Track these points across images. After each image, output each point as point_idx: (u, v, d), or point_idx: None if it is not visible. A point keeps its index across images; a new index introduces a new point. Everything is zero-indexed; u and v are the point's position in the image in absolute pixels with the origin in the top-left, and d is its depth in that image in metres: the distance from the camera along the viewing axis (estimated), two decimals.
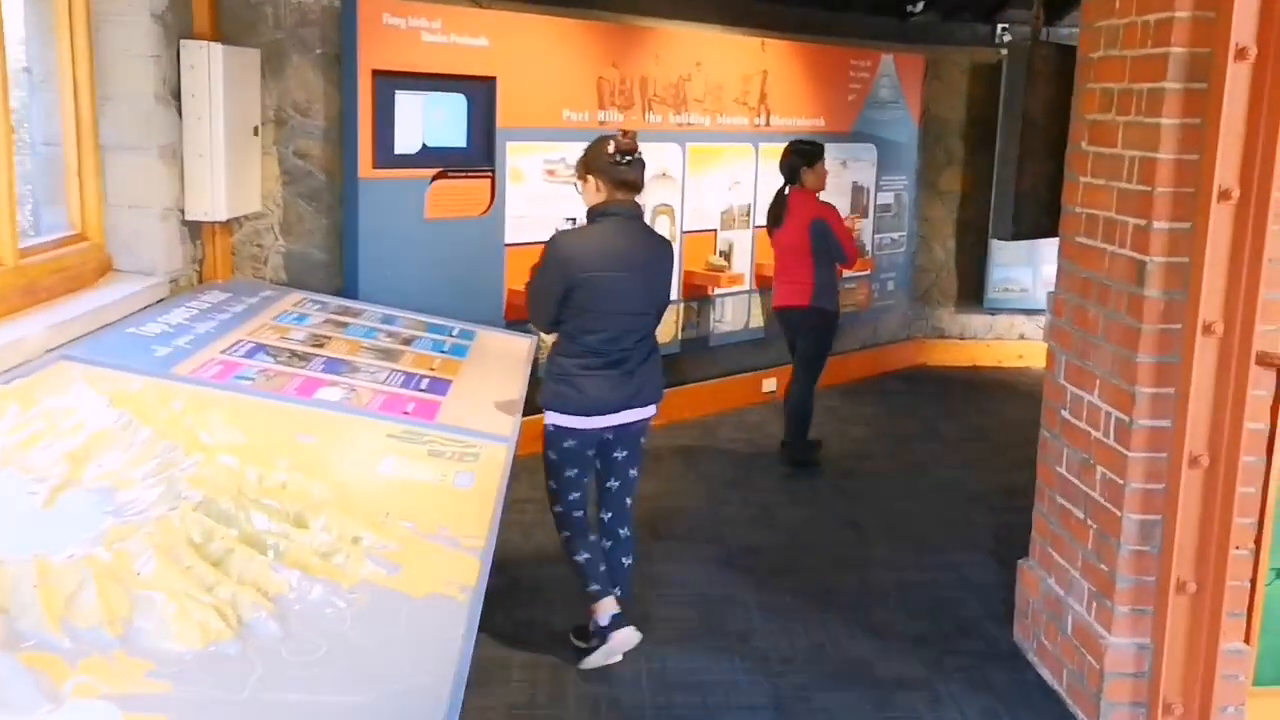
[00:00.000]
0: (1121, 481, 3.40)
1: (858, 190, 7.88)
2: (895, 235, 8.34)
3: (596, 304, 3.66)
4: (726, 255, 7.01)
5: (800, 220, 5.85)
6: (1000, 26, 8.59)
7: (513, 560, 4.66)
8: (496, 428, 3.62)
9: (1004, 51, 8.58)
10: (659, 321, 3.89)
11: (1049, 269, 8.73)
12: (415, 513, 2.77)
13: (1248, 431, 3.16)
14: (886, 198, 8.18)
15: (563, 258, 3.67)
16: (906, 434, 6.95)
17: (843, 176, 7.69)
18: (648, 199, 6.27)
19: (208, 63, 4.50)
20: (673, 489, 5.76)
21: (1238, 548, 3.26)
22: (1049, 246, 8.89)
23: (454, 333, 4.87)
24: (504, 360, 4.70)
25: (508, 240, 5.79)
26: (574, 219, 5.91)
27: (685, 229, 6.74)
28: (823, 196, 6.02)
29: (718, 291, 6.96)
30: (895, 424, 7.17)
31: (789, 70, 7.21)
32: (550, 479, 3.91)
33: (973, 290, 8.85)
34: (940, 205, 8.80)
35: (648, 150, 3.81)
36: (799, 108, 7.31)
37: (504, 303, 5.79)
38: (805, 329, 5.99)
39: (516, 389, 4.22)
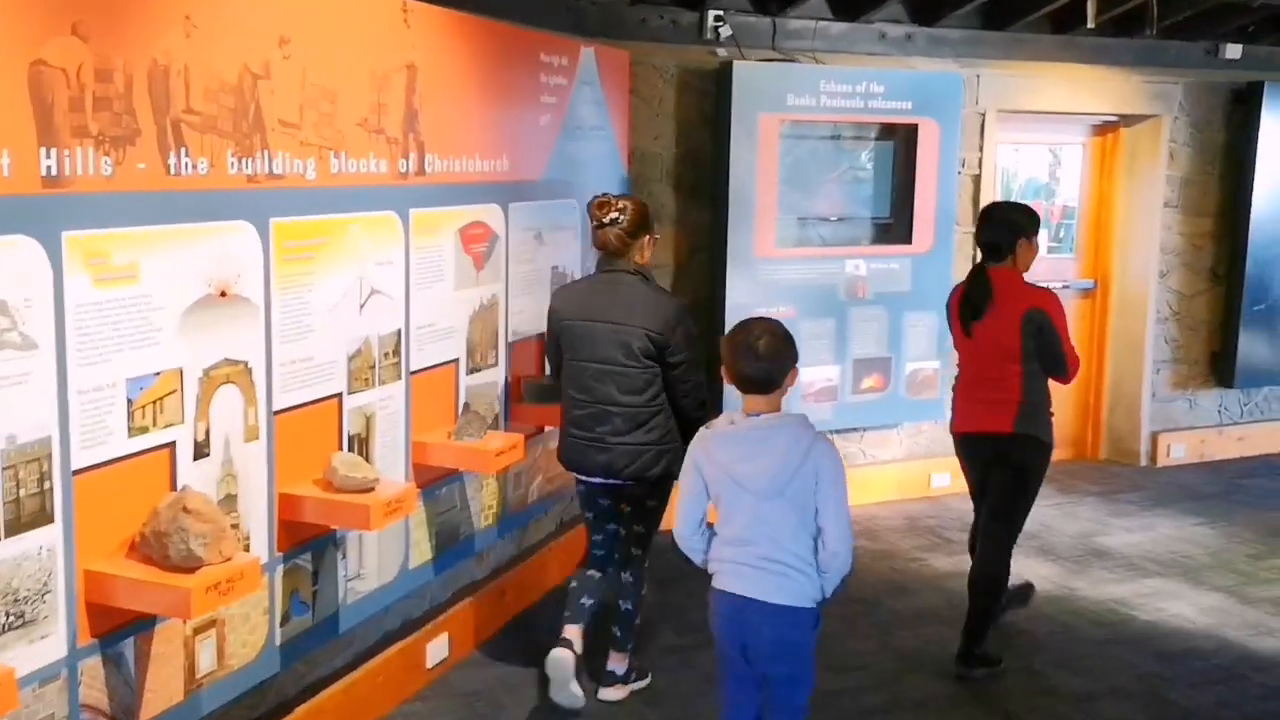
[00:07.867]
0: None
1: (559, 277, 4.58)
2: None
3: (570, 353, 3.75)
4: (363, 443, 3.42)
5: (1010, 311, 4.10)
6: (713, 15, 5.68)
7: None
8: None
9: (720, 53, 5.70)
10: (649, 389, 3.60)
11: (806, 375, 6.04)
12: None
13: None
14: None
15: (550, 308, 3.86)
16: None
17: (537, 258, 4.40)
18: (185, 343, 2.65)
19: None
20: None
21: None
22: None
23: None
24: None
25: None
26: None
27: (276, 407, 3.08)
28: None
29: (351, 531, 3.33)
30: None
31: (452, 67, 3.76)
32: None
33: None
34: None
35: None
36: (470, 139, 3.89)
37: None
38: (1009, 464, 4.16)
39: None
